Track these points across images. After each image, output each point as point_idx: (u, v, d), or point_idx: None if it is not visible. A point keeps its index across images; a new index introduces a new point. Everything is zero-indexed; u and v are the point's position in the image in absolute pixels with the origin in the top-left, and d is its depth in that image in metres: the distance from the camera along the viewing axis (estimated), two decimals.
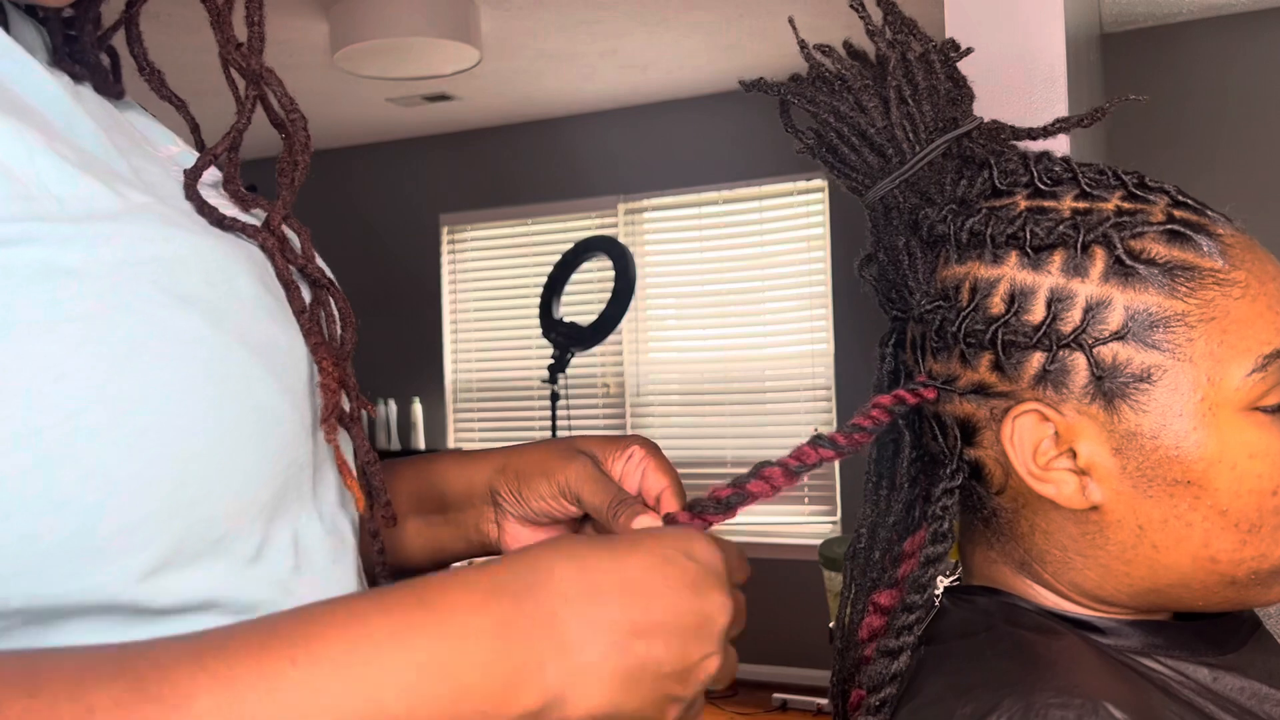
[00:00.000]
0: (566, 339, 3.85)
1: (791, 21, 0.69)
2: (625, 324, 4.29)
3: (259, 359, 0.47)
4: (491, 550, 0.69)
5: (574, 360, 4.13)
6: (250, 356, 0.46)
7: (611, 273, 3.89)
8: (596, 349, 4.19)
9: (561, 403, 4.10)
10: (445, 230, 4.96)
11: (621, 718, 0.47)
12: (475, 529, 0.68)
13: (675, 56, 3.88)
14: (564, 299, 4.03)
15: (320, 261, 0.56)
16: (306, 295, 0.54)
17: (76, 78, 0.55)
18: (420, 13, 3.17)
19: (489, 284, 4.91)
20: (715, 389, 4.47)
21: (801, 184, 4.27)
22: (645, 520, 0.60)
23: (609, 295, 3.86)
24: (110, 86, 0.58)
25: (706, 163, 4.40)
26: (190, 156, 0.58)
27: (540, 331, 3.99)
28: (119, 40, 0.61)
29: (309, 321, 0.52)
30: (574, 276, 4.06)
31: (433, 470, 0.69)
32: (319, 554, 0.51)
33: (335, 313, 0.55)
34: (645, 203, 4.58)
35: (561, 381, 3.96)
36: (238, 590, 0.46)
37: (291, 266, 0.53)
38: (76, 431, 0.40)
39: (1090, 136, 2.15)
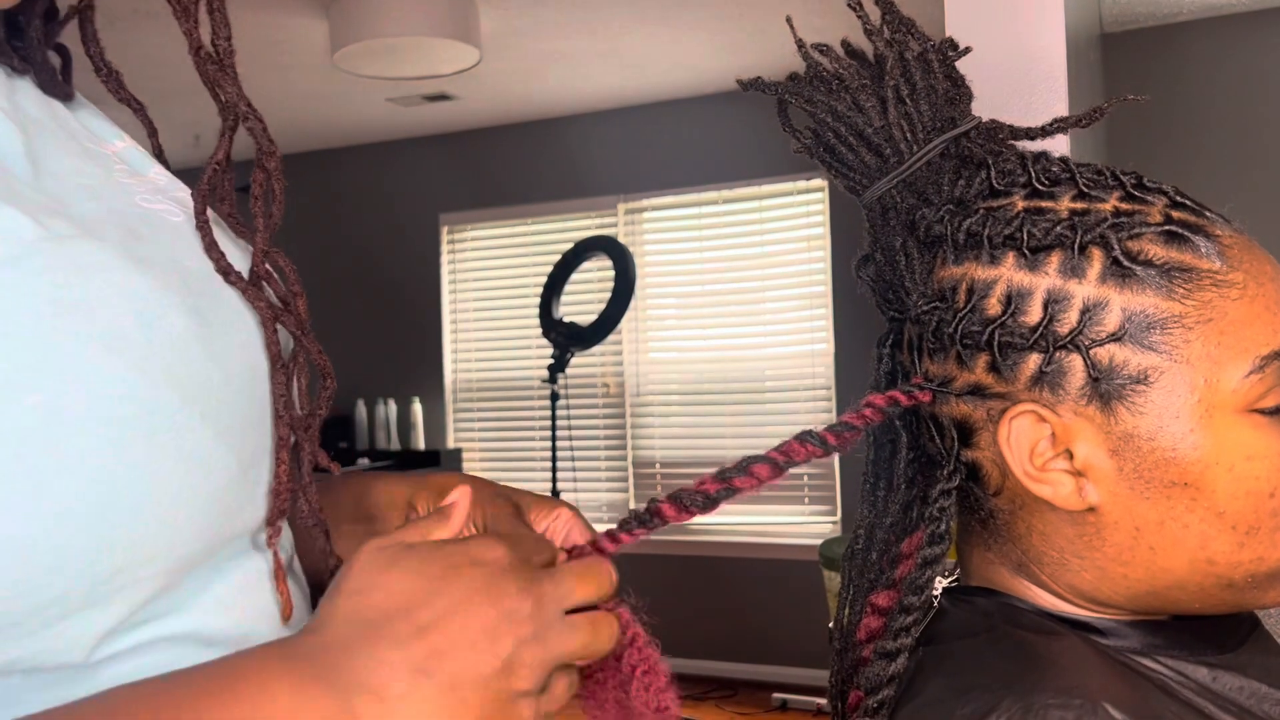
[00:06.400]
0: (566, 339, 3.85)
1: (789, 21, 0.69)
2: (625, 324, 4.29)
3: (191, 404, 0.44)
4: None
5: (574, 360, 4.13)
6: (181, 402, 0.44)
7: (611, 273, 3.89)
8: (596, 349, 4.19)
9: (561, 403, 4.10)
10: (445, 230, 4.96)
11: None
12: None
13: (675, 56, 3.88)
14: (564, 299, 4.03)
15: (303, 307, 0.54)
16: (285, 345, 0.52)
17: (16, 71, 0.51)
18: (420, 13, 3.17)
19: (489, 284, 4.91)
20: (715, 389, 4.47)
21: (801, 184, 4.27)
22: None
23: (609, 295, 3.86)
24: (58, 87, 0.54)
25: (706, 163, 4.40)
26: (135, 152, 0.56)
27: (540, 331, 3.99)
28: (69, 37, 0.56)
29: (281, 394, 0.50)
30: (574, 276, 4.07)
31: (365, 484, 0.69)
32: (243, 582, 0.50)
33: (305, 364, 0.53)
34: (645, 203, 4.58)
35: (561, 381, 3.96)
36: (162, 616, 0.45)
37: (280, 326, 0.52)
38: None
39: (1090, 136, 2.15)
